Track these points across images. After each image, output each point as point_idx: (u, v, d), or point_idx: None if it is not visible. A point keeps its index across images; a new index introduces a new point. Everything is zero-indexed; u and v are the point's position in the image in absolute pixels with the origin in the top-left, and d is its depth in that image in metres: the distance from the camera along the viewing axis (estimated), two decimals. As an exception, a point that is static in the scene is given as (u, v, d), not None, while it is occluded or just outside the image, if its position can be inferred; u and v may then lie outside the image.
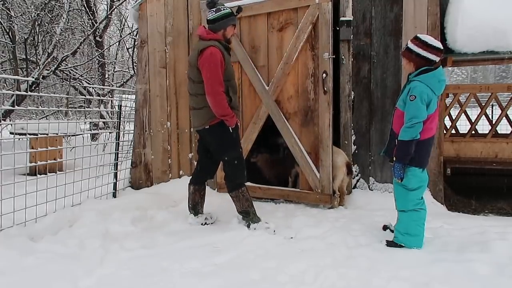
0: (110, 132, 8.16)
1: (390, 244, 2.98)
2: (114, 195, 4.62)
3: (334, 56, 4.01)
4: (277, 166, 4.88)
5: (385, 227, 3.32)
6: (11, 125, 7.94)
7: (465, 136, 5.24)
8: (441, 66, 2.86)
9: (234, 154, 3.50)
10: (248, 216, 3.51)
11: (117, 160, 4.75)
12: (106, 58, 11.70)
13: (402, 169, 2.84)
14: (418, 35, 2.89)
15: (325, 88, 4.00)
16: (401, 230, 2.94)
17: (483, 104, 5.45)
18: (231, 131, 3.44)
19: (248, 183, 3.62)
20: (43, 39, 9.08)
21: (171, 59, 4.94)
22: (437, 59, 2.80)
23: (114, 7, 10.82)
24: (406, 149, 2.80)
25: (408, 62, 2.89)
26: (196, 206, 3.75)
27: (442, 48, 2.81)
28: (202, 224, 3.65)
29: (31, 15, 8.90)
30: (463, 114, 5.73)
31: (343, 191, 4.25)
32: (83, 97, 10.53)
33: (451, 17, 4.41)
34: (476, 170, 5.01)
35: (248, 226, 3.45)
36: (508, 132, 5.27)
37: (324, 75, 3.97)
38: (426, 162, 2.93)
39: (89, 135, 9.74)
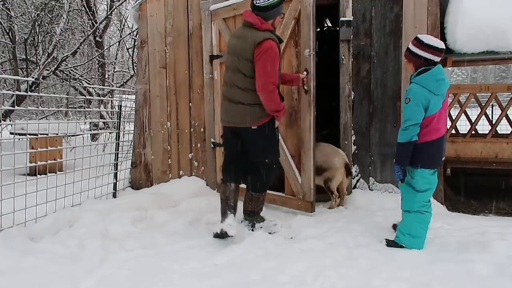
0: (110, 132, 8.16)
1: (390, 243, 2.97)
2: (114, 195, 4.62)
3: (314, 53, 3.69)
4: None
5: (394, 226, 3.26)
6: (11, 125, 7.94)
7: (465, 136, 5.23)
8: (439, 65, 2.81)
9: (275, 158, 3.42)
10: (253, 216, 3.49)
11: (117, 160, 4.75)
12: (106, 58, 11.70)
13: (400, 171, 2.85)
14: (418, 35, 2.87)
15: (306, 88, 3.71)
16: (403, 230, 2.93)
17: (483, 104, 5.44)
18: (277, 132, 3.35)
19: (243, 185, 3.53)
20: (43, 39, 9.08)
21: (171, 59, 4.94)
22: (436, 58, 2.77)
23: (114, 7, 10.83)
24: (402, 151, 2.81)
25: (407, 62, 2.89)
26: (236, 206, 3.42)
27: (441, 47, 2.77)
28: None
29: (31, 15, 8.91)
30: (463, 114, 5.72)
31: (344, 192, 4.24)
32: (83, 97, 10.53)
33: (451, 17, 4.41)
34: (476, 170, 5.01)
35: (253, 226, 3.43)
36: (508, 132, 5.26)
37: (305, 73, 3.68)
38: (436, 163, 2.90)
39: (89, 135, 9.74)
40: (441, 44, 2.79)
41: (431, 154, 2.86)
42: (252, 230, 3.42)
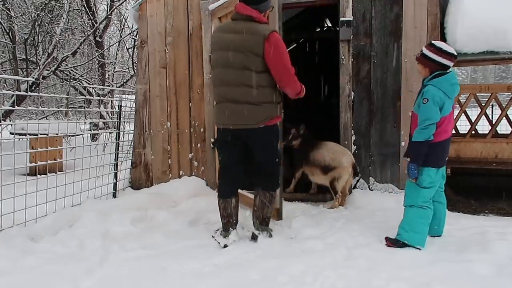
0: (110, 132, 8.16)
1: (392, 241, 3.00)
2: (114, 195, 4.62)
3: None
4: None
5: None
6: (11, 125, 7.94)
7: (465, 136, 5.23)
8: (453, 71, 2.98)
9: (281, 153, 3.36)
10: (268, 224, 3.27)
11: (117, 160, 4.75)
12: (106, 58, 11.70)
13: (416, 169, 2.94)
14: (432, 41, 3.02)
15: None
16: (405, 227, 2.99)
17: (483, 104, 5.44)
18: (279, 126, 3.27)
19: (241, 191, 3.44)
20: (43, 39, 9.08)
21: (171, 59, 4.94)
22: (450, 64, 2.92)
23: (114, 7, 10.82)
24: (420, 149, 2.90)
25: (423, 67, 3.00)
26: (238, 219, 3.32)
27: (455, 54, 2.93)
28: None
29: (31, 16, 8.91)
30: (463, 114, 5.73)
31: (345, 192, 4.24)
32: (83, 97, 10.53)
33: (451, 17, 4.41)
34: (476, 170, 5.01)
35: (271, 235, 3.22)
36: (508, 132, 5.26)
37: None
38: (442, 163, 3.04)
39: (89, 135, 9.74)
40: (454, 50, 2.96)
41: (439, 154, 2.99)
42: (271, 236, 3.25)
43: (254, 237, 3.18)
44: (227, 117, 3.10)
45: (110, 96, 11.23)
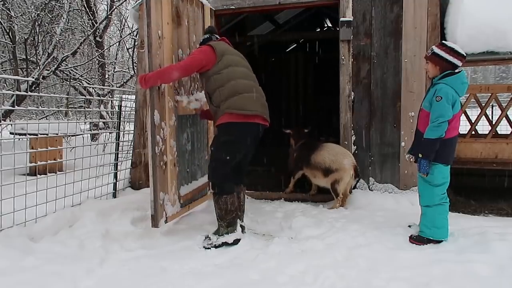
0: (110, 132, 8.15)
1: (416, 239, 3.09)
2: (114, 195, 4.62)
3: None
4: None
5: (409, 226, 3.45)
6: (11, 125, 7.94)
7: (465, 137, 5.23)
8: (463, 71, 3.07)
9: None
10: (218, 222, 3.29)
11: (117, 160, 4.75)
12: (106, 58, 11.69)
13: (428, 165, 3.02)
14: (444, 42, 3.14)
15: None
16: (427, 224, 3.08)
17: (483, 104, 5.44)
18: None
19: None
20: (43, 39, 9.07)
21: (171, 60, 4.93)
22: (460, 63, 3.03)
23: (114, 7, 10.82)
24: (432, 146, 2.98)
25: (434, 66, 3.08)
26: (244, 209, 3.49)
27: (465, 54, 3.04)
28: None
29: (31, 15, 8.90)
30: (463, 114, 5.72)
31: (346, 193, 4.23)
32: (83, 97, 10.52)
33: (451, 17, 4.42)
34: (476, 170, 5.01)
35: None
36: (508, 132, 5.26)
37: None
38: (451, 159, 3.12)
39: (89, 135, 9.73)
40: (463, 52, 3.07)
41: (450, 150, 3.08)
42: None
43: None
44: (261, 106, 3.19)
45: (110, 96, 11.23)
